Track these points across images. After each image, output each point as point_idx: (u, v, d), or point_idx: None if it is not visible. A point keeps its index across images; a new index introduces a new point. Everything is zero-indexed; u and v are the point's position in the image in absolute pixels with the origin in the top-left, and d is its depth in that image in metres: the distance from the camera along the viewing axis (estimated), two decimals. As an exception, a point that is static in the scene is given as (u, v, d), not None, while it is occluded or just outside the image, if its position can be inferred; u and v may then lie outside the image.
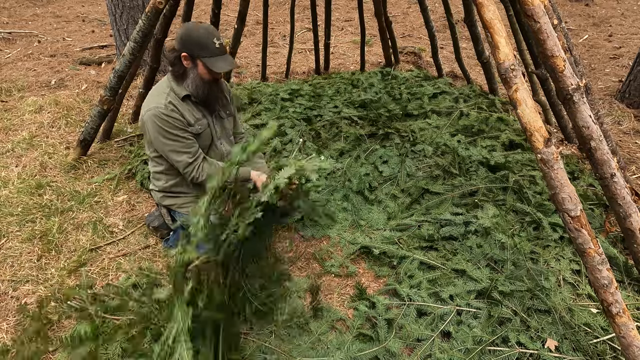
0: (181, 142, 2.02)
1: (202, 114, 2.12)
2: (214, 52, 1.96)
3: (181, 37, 1.95)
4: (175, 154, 2.03)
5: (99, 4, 7.73)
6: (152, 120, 1.97)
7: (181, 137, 2.01)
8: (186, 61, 2.00)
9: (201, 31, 1.94)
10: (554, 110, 3.31)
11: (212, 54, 1.96)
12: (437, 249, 2.23)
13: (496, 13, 1.60)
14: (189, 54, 1.97)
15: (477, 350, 1.70)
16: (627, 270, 2.09)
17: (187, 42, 1.94)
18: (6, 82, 4.41)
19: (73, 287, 2.13)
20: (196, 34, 1.93)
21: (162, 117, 1.97)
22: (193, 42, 1.94)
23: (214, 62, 1.95)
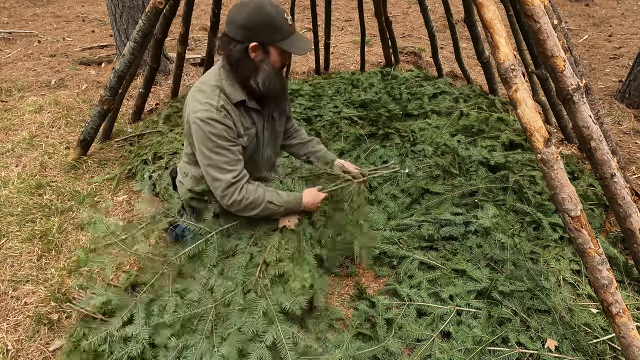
0: (226, 157, 1.67)
1: (251, 121, 1.79)
2: (289, 31, 1.60)
3: (247, 24, 1.54)
4: (217, 170, 1.67)
5: (99, 4, 7.73)
6: (199, 124, 1.62)
7: (228, 150, 1.67)
8: (255, 52, 1.61)
9: (268, 10, 1.54)
10: (554, 110, 3.31)
11: (288, 34, 1.60)
12: (437, 249, 2.23)
13: (496, 13, 1.60)
14: (260, 42, 1.59)
15: (477, 351, 1.70)
16: (627, 270, 2.09)
17: (257, 29, 1.55)
18: (6, 82, 4.41)
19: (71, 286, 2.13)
20: (267, 16, 1.54)
21: (210, 123, 1.62)
22: (265, 25, 1.55)
23: (293, 44, 1.60)
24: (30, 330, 1.94)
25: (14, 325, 1.97)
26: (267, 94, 1.71)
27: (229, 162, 1.68)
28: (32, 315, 1.99)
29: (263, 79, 1.65)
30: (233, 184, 1.68)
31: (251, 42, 1.58)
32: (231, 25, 1.58)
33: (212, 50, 3.76)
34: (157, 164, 2.89)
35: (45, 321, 1.96)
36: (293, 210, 1.83)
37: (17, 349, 1.86)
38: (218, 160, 1.66)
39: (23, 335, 1.92)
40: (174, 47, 4.84)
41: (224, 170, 1.67)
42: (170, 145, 3.01)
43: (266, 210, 1.74)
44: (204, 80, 1.71)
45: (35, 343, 1.88)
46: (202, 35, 5.93)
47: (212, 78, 1.70)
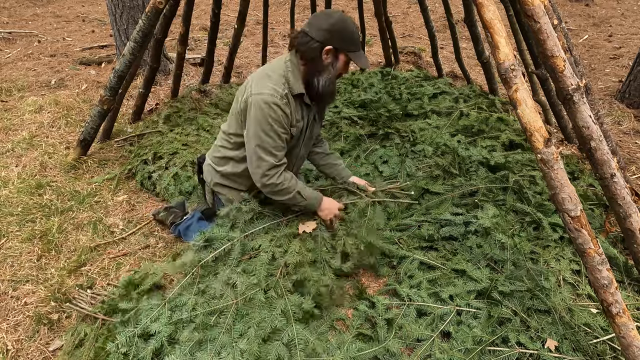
0: (276, 142, 1.84)
1: (302, 115, 1.95)
2: (359, 47, 1.86)
3: (330, 29, 1.77)
4: (264, 151, 1.84)
5: (99, 4, 7.74)
6: (261, 105, 1.78)
7: (279, 136, 1.84)
8: (327, 55, 1.83)
9: (349, 23, 1.80)
10: (554, 110, 3.31)
11: (358, 48, 1.85)
12: (437, 249, 2.23)
13: (496, 13, 1.60)
14: (335, 47, 1.81)
15: (477, 351, 1.69)
16: (627, 271, 2.09)
17: (337, 35, 1.78)
18: (6, 82, 4.42)
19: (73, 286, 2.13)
20: (348, 27, 1.79)
21: (272, 107, 1.78)
22: (346, 36, 1.80)
23: (360, 57, 1.84)
24: (30, 330, 1.94)
25: (14, 325, 1.97)
26: (323, 95, 1.90)
27: (277, 147, 1.86)
28: (32, 315, 1.99)
29: (325, 79, 1.86)
30: (275, 166, 1.87)
31: (328, 44, 1.80)
32: (314, 27, 1.81)
33: (212, 50, 3.77)
34: (157, 164, 2.89)
35: (45, 321, 1.96)
36: (311, 208, 2.01)
37: (17, 349, 1.86)
38: (268, 143, 1.83)
39: (23, 335, 1.92)
40: (174, 47, 4.84)
41: (270, 153, 1.85)
42: (170, 145, 3.01)
43: (293, 199, 1.94)
44: (270, 68, 1.89)
45: (35, 343, 1.88)
46: (202, 35, 5.93)
47: (279, 68, 1.87)
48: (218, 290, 1.74)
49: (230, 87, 4.01)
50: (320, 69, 1.85)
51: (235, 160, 2.04)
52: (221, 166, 2.10)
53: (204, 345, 1.60)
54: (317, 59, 1.83)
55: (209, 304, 1.71)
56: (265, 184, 1.88)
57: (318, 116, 2.10)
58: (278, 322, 1.65)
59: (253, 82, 1.84)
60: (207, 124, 3.28)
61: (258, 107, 1.79)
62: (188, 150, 2.97)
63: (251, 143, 1.85)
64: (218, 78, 4.34)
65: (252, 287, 1.75)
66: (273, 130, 1.82)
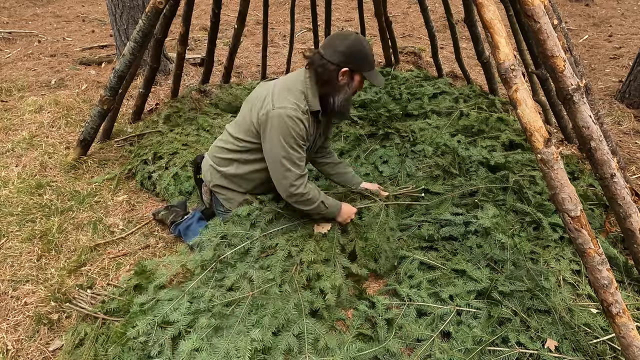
0: (300, 154, 1.92)
1: (313, 130, 2.02)
2: (373, 66, 1.95)
3: (346, 52, 1.85)
4: (291, 163, 1.90)
5: (99, 4, 7.74)
6: (284, 119, 1.83)
7: (301, 148, 1.93)
8: (343, 76, 1.91)
9: (365, 45, 1.89)
10: (554, 110, 3.31)
11: (372, 68, 1.94)
12: (437, 249, 2.23)
13: (496, 13, 1.60)
14: (351, 68, 1.89)
15: (477, 351, 1.69)
16: (627, 271, 2.09)
17: (353, 58, 1.87)
18: (6, 82, 4.42)
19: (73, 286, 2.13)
20: (364, 50, 1.88)
21: (295, 121, 1.85)
22: (361, 57, 1.88)
23: (375, 76, 1.95)
24: (30, 330, 1.94)
25: (14, 325, 1.97)
26: (338, 112, 2.00)
27: (300, 159, 1.93)
28: (32, 315, 2.00)
29: (341, 99, 1.95)
30: (301, 177, 1.94)
31: (344, 67, 1.87)
32: (330, 49, 1.88)
33: (212, 50, 3.77)
34: (157, 164, 2.89)
35: (45, 321, 1.96)
36: (332, 215, 2.08)
37: (17, 349, 1.86)
38: (293, 155, 1.90)
39: (23, 335, 1.92)
40: (174, 47, 4.84)
41: (295, 164, 1.91)
42: (170, 145, 3.01)
43: (316, 209, 2.01)
44: (290, 82, 1.95)
45: (35, 343, 1.88)
46: (202, 35, 5.93)
47: (299, 84, 1.93)
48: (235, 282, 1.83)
49: (230, 87, 4.00)
50: (337, 89, 1.93)
51: (240, 162, 2.08)
52: (224, 167, 2.12)
53: (220, 332, 1.66)
54: (334, 80, 1.90)
55: (226, 296, 1.79)
56: (292, 193, 1.94)
57: (324, 131, 2.17)
58: (291, 314, 1.72)
59: (275, 96, 1.89)
60: (207, 124, 3.28)
61: (282, 121, 1.84)
62: (188, 150, 2.97)
63: (276, 155, 1.90)
64: (218, 78, 4.34)
65: (268, 282, 1.83)
66: (297, 143, 1.89)
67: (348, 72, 1.90)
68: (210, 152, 2.23)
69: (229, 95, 3.77)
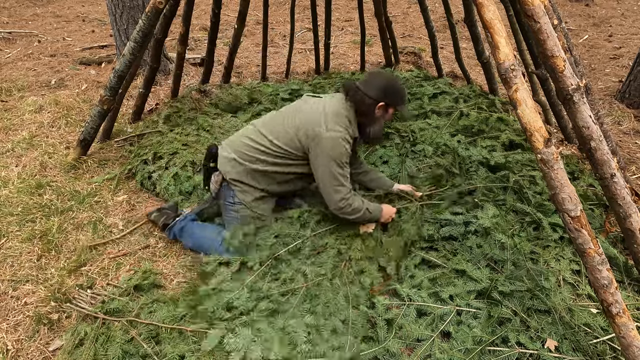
0: (346, 172, 2.13)
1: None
2: (405, 101, 2.23)
3: (384, 89, 2.11)
4: (340, 180, 2.10)
5: (99, 4, 7.74)
6: (338, 142, 2.05)
7: (347, 167, 2.13)
8: (379, 110, 2.14)
9: (399, 84, 2.19)
10: (554, 111, 3.31)
11: (404, 103, 2.22)
12: (437, 249, 2.23)
13: (496, 13, 1.61)
14: (386, 103, 2.13)
15: (477, 351, 1.70)
16: (627, 271, 2.09)
17: (390, 94, 2.12)
18: (6, 82, 4.42)
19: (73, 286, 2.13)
20: (399, 88, 2.16)
21: (345, 146, 2.07)
22: (396, 95, 2.15)
23: (405, 109, 2.28)
24: (30, 330, 1.94)
25: (14, 325, 1.97)
26: (372, 140, 2.30)
27: (346, 177, 2.13)
28: (32, 315, 2.00)
29: (376, 129, 2.20)
30: (349, 191, 2.13)
31: (380, 102, 2.11)
32: (369, 85, 2.12)
33: (212, 50, 3.77)
34: (157, 164, 2.89)
35: (45, 321, 1.96)
36: (375, 219, 2.25)
37: (17, 349, 1.86)
38: (342, 174, 2.10)
39: (23, 335, 1.92)
40: (174, 47, 4.84)
41: (343, 183, 2.11)
42: (170, 145, 3.01)
43: (362, 216, 2.18)
44: (338, 107, 2.13)
45: (35, 343, 1.88)
46: (202, 35, 5.93)
47: (344, 110, 2.13)
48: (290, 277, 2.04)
49: (230, 87, 4.00)
50: (373, 120, 2.17)
51: (268, 163, 2.19)
52: (249, 162, 2.20)
53: (276, 316, 1.87)
54: (371, 112, 2.14)
55: (282, 287, 1.99)
56: (342, 207, 2.13)
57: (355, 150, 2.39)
58: (340, 305, 1.90)
59: (328, 118, 2.08)
60: (207, 124, 3.28)
61: (336, 143, 2.05)
62: (188, 150, 2.97)
63: (328, 173, 2.09)
64: (218, 78, 4.34)
65: (320, 276, 2.02)
66: (344, 162, 2.11)
67: (383, 106, 2.14)
68: (232, 144, 2.27)
69: (229, 95, 3.77)
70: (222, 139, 3.13)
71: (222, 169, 2.25)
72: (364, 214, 2.17)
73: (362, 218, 2.19)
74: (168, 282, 2.21)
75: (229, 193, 2.27)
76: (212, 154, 2.29)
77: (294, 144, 2.13)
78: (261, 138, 2.19)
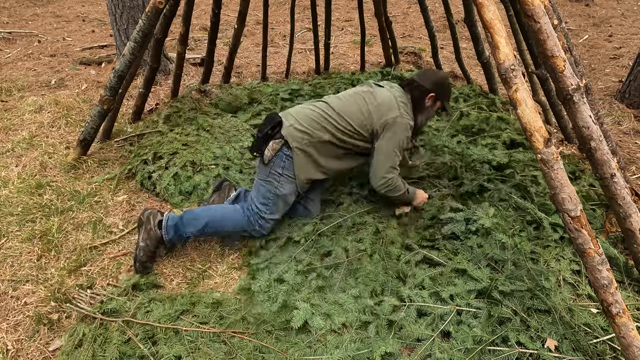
0: (399, 161, 2.33)
1: None
2: (450, 97, 2.54)
3: (436, 82, 2.39)
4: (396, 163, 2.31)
5: (99, 3, 7.74)
6: (405, 127, 2.29)
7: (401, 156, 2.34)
8: (429, 100, 2.39)
9: (449, 82, 2.54)
10: (554, 111, 3.31)
11: (449, 99, 2.52)
12: (439, 249, 2.23)
13: (496, 13, 1.61)
14: (436, 95, 2.38)
15: (477, 350, 1.70)
16: (627, 271, 2.09)
17: (440, 88, 2.39)
18: (6, 82, 4.42)
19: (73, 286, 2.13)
20: (448, 84, 2.46)
21: (409, 131, 2.32)
22: (446, 90, 2.43)
23: (449, 106, 2.50)
24: (30, 330, 1.94)
25: (14, 325, 1.97)
26: (418, 128, 2.46)
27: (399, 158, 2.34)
28: (32, 315, 2.00)
29: (423, 118, 2.43)
30: (396, 168, 2.33)
31: (431, 92, 2.37)
32: (423, 77, 2.42)
33: (212, 50, 3.77)
34: (157, 164, 2.89)
35: (45, 321, 1.96)
36: (410, 200, 2.47)
37: (17, 349, 1.86)
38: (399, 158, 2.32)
39: (23, 335, 1.92)
40: (174, 47, 4.84)
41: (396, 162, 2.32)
42: (170, 145, 3.01)
43: (402, 195, 2.38)
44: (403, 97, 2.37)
45: (35, 343, 1.88)
46: (202, 35, 5.93)
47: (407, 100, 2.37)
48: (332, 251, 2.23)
49: (230, 87, 4.00)
50: (422, 109, 2.40)
51: (337, 137, 2.31)
52: (319, 132, 2.29)
53: (324, 289, 2.05)
54: (421, 100, 2.39)
55: (325, 261, 2.19)
56: (388, 184, 2.31)
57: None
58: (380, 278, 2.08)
59: (400, 105, 2.31)
60: (207, 124, 3.28)
61: (405, 128, 2.29)
62: (188, 150, 2.97)
63: (390, 154, 2.29)
64: (218, 78, 4.34)
65: (360, 252, 2.21)
66: (403, 150, 2.36)
67: (433, 97, 2.38)
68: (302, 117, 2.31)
69: (229, 95, 3.77)
70: (222, 138, 3.14)
71: (291, 137, 2.26)
72: (403, 194, 2.37)
73: (402, 197, 2.38)
74: (168, 282, 2.21)
75: (282, 162, 2.26)
76: (275, 122, 2.30)
77: (365, 128, 2.29)
78: (336, 115, 2.31)
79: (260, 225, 2.30)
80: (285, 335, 1.84)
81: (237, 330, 1.84)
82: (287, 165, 2.26)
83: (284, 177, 2.27)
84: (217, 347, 1.77)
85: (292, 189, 2.30)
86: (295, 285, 2.06)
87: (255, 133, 2.37)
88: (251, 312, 1.95)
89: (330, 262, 2.17)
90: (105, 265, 2.29)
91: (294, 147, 2.25)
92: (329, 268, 2.15)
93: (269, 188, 2.27)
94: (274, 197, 2.27)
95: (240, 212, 2.31)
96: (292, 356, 1.73)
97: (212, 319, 1.90)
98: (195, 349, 1.76)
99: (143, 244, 2.21)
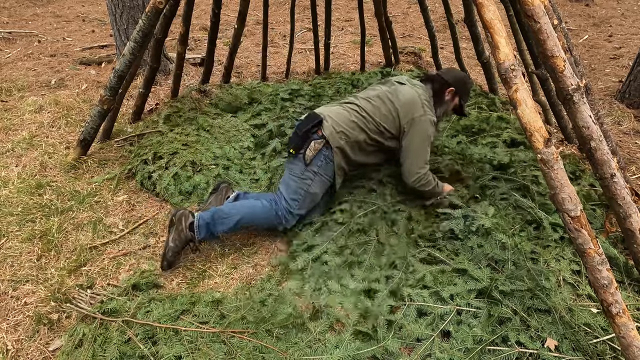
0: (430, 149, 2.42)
1: None
2: (468, 96, 2.69)
3: (458, 79, 2.53)
4: (427, 159, 2.40)
5: (99, 3, 7.74)
6: (428, 124, 2.37)
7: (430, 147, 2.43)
8: (449, 95, 2.50)
9: (471, 81, 2.66)
10: (554, 111, 3.31)
11: (468, 98, 2.67)
12: (440, 249, 2.23)
13: (496, 13, 1.61)
14: (455, 90, 2.49)
15: (477, 350, 1.70)
16: (627, 271, 2.09)
17: (460, 85, 2.51)
18: (6, 82, 4.42)
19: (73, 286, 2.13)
20: (469, 84, 2.60)
21: (433, 128, 2.40)
22: (466, 88, 2.55)
23: (465, 105, 2.61)
24: (30, 330, 1.94)
25: (14, 325, 1.97)
26: (437, 123, 2.49)
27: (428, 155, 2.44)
28: (32, 315, 2.00)
29: (441, 111, 2.53)
30: (426, 166, 2.42)
31: (451, 87, 2.49)
32: (446, 72, 2.57)
33: (212, 50, 3.77)
34: (157, 164, 2.89)
35: (45, 321, 1.96)
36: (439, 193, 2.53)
37: (17, 349, 1.86)
38: (427, 151, 2.40)
39: (23, 335, 1.92)
40: (174, 47, 4.84)
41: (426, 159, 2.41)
42: (170, 145, 3.01)
43: (433, 189, 2.45)
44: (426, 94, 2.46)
45: (35, 343, 1.88)
46: (202, 35, 5.93)
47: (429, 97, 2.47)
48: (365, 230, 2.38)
49: (230, 87, 4.00)
50: (441, 102, 2.50)
51: (369, 137, 2.41)
52: (356, 132, 2.40)
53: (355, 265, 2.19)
54: (442, 93, 2.49)
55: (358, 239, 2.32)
56: (420, 179, 2.39)
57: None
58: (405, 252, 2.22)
59: (424, 102, 2.40)
60: (207, 124, 3.28)
61: (427, 124, 2.37)
62: (188, 150, 2.97)
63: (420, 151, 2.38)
64: (218, 78, 4.34)
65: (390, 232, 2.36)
66: (429, 143, 2.42)
67: (452, 92, 2.50)
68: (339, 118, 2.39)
69: (229, 95, 3.77)
70: (222, 138, 3.14)
71: (331, 138, 2.35)
72: (434, 187, 2.45)
73: (432, 190, 2.46)
74: (168, 282, 2.21)
75: (320, 162, 2.35)
76: (316, 121, 2.37)
77: (395, 127, 2.40)
78: (370, 117, 2.41)
79: (287, 219, 2.36)
80: (285, 335, 1.84)
81: (236, 330, 1.84)
82: (323, 165, 2.35)
83: (319, 175, 2.35)
84: (217, 347, 1.77)
85: (323, 188, 2.41)
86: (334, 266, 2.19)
87: (294, 130, 2.42)
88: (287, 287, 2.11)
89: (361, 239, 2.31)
90: (105, 265, 2.29)
91: (335, 147, 2.34)
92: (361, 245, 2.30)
93: (300, 185, 2.34)
94: (305, 193, 2.35)
95: (268, 206, 2.35)
96: (292, 356, 1.73)
97: (212, 318, 1.90)
98: (195, 349, 1.76)
99: (172, 245, 2.24)
